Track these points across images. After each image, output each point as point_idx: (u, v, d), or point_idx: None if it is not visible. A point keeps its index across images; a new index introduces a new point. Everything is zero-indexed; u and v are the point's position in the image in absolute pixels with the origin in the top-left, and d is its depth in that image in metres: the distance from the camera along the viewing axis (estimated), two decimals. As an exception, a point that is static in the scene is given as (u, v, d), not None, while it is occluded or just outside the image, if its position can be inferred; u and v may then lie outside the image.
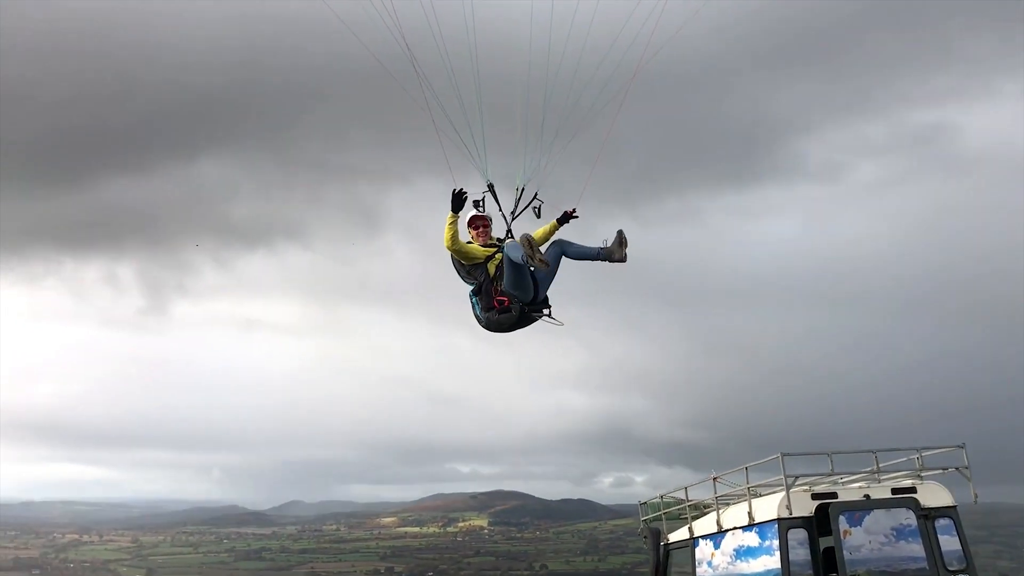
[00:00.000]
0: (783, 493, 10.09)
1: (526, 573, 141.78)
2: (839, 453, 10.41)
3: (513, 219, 9.79)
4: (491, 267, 9.45)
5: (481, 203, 9.66)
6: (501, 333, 9.58)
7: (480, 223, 9.67)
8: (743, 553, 10.63)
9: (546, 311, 9.49)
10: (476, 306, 9.54)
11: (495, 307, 9.35)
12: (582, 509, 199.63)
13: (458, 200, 9.19)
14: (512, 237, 9.69)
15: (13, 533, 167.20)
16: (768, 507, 10.26)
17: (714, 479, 11.51)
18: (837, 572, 9.69)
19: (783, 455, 10.05)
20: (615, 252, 9.67)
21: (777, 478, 10.24)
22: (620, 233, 9.63)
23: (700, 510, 12.29)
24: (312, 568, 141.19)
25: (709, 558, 11.41)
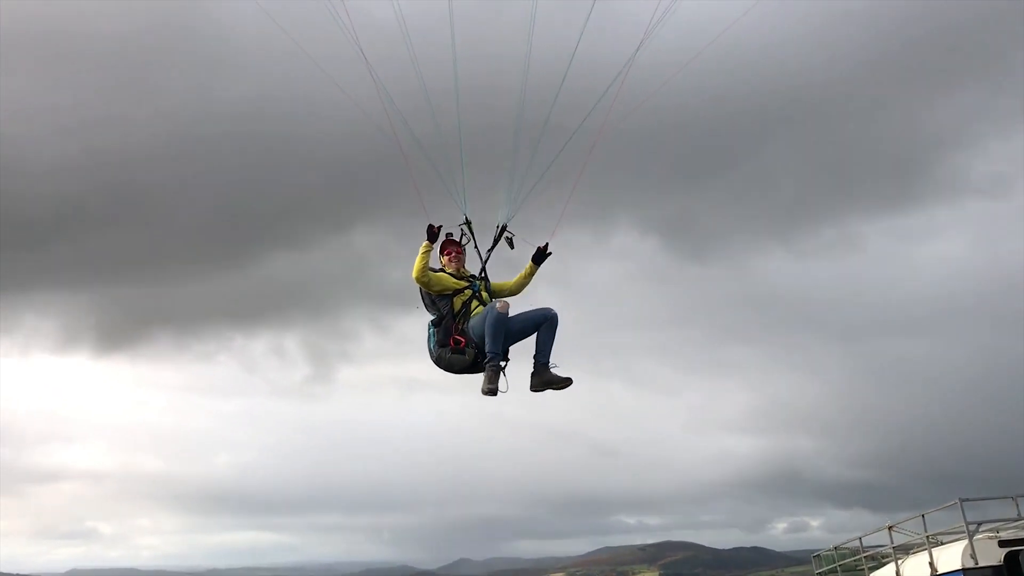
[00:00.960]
0: (966, 541, 9.52)
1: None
2: (1025, 496, 9.77)
3: (488, 255, 9.31)
4: (457, 302, 8.92)
5: (464, 227, 9.32)
6: (451, 373, 8.95)
7: (453, 248, 9.21)
8: (928, 606, 10.06)
9: (503, 363, 8.75)
10: (431, 339, 8.99)
11: (450, 345, 8.79)
12: (756, 557, 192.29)
13: (432, 234, 8.83)
14: (486, 275, 9.24)
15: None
16: (951, 557, 9.70)
17: (889, 528, 10.99)
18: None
19: (962, 500, 9.51)
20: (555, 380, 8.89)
21: (958, 525, 9.69)
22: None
23: (877, 560, 11.74)
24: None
25: (891, 611, 10.84)
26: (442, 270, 9.03)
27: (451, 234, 9.18)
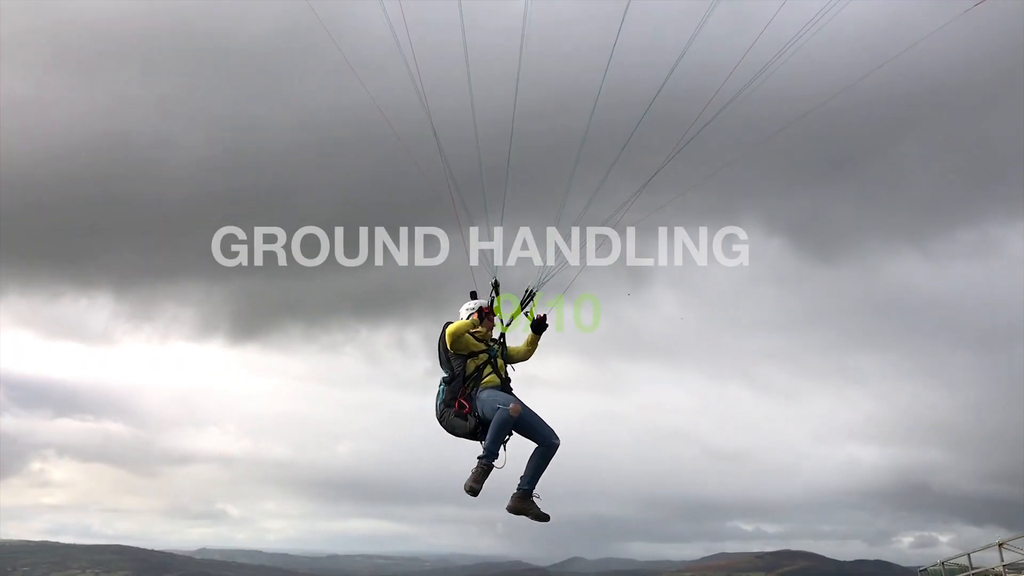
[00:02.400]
0: (1080, 562, 8.89)
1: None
2: None
3: (511, 321, 9.18)
4: (471, 364, 8.76)
5: (493, 290, 9.26)
6: (451, 435, 8.87)
7: (492, 316, 9.09)
8: (1038, 628, 9.44)
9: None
10: (440, 395, 8.88)
11: (455, 407, 8.68)
12: (879, 571, 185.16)
13: (474, 298, 9.07)
14: (504, 340, 9.12)
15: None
16: (1063, 578, 9.07)
17: (1000, 545, 10.35)
18: None
19: (1077, 519, 8.88)
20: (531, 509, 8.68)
21: (1072, 544, 9.05)
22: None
23: (987, 579, 11.07)
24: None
25: (1000, 632, 10.22)
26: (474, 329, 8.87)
27: (474, 293, 9.20)
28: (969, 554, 11.43)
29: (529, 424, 8.57)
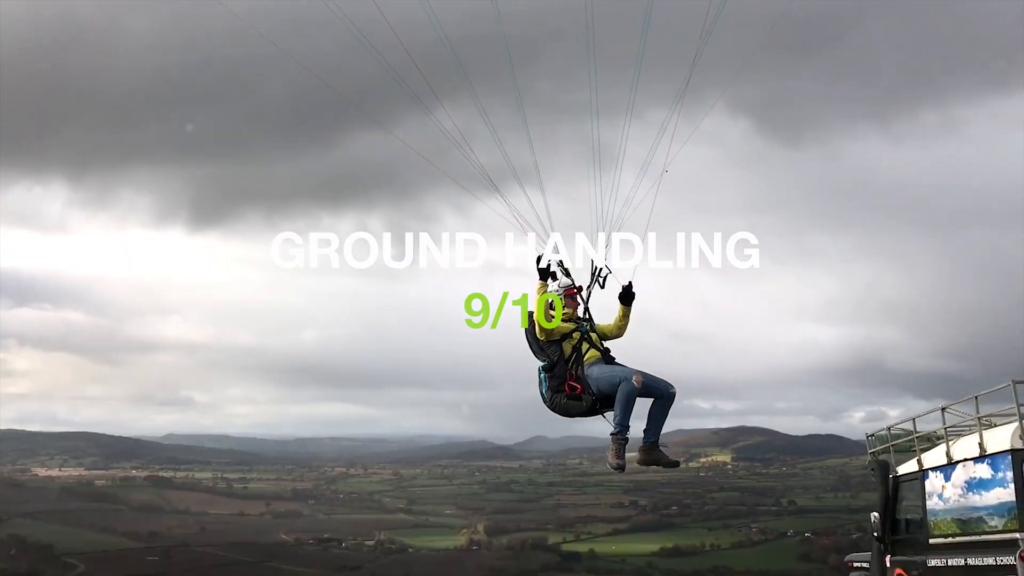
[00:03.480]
0: (1017, 423, 9.46)
1: (773, 509, 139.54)
2: (1080, 379, 9.61)
3: (589, 293, 9.12)
4: (567, 346, 8.77)
5: (558, 269, 9.12)
6: (566, 418, 8.95)
7: (575, 292, 9.02)
8: (975, 485, 10.09)
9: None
10: (544, 383, 8.89)
11: (566, 391, 8.73)
12: (831, 445, 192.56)
13: (545, 273, 8.84)
14: (590, 315, 9.06)
15: (290, 467, 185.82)
16: (1000, 438, 9.67)
17: (943, 410, 10.95)
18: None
19: (1015, 382, 9.41)
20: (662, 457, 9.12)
21: (1010, 407, 9.61)
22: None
23: (930, 442, 11.75)
24: (559, 500, 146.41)
25: (939, 491, 10.91)
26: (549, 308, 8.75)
27: (553, 274, 8.98)
28: (914, 419, 12.06)
29: (647, 385, 8.68)
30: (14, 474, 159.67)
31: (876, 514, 12.45)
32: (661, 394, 8.82)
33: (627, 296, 9.00)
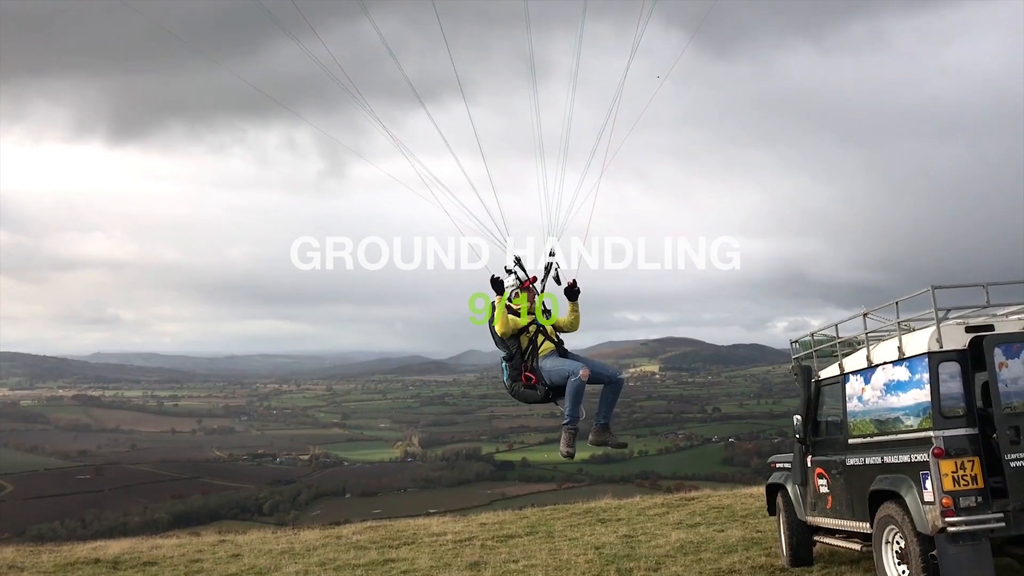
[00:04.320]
0: (934, 327, 9.78)
1: (699, 416, 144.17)
2: (996, 285, 9.93)
3: (543, 286, 9.77)
4: (524, 339, 9.53)
5: (515, 266, 9.72)
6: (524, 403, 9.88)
7: (530, 286, 9.68)
8: (893, 387, 10.47)
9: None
10: (505, 372, 9.70)
11: (523, 381, 9.55)
12: (755, 354, 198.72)
13: (499, 285, 9.46)
14: (545, 307, 9.71)
15: (222, 384, 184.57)
16: (918, 341, 9.99)
17: (864, 315, 11.26)
18: (991, 406, 9.43)
19: (934, 288, 9.68)
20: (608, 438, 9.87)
21: (928, 312, 9.92)
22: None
23: (851, 347, 12.11)
24: (492, 412, 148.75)
25: (859, 393, 11.30)
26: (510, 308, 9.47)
27: (508, 269, 9.62)
28: (836, 325, 12.40)
29: (596, 374, 9.46)
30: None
31: (798, 417, 12.86)
32: (610, 380, 9.62)
33: (572, 293, 9.64)
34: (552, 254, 9.74)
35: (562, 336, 9.77)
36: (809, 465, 12.69)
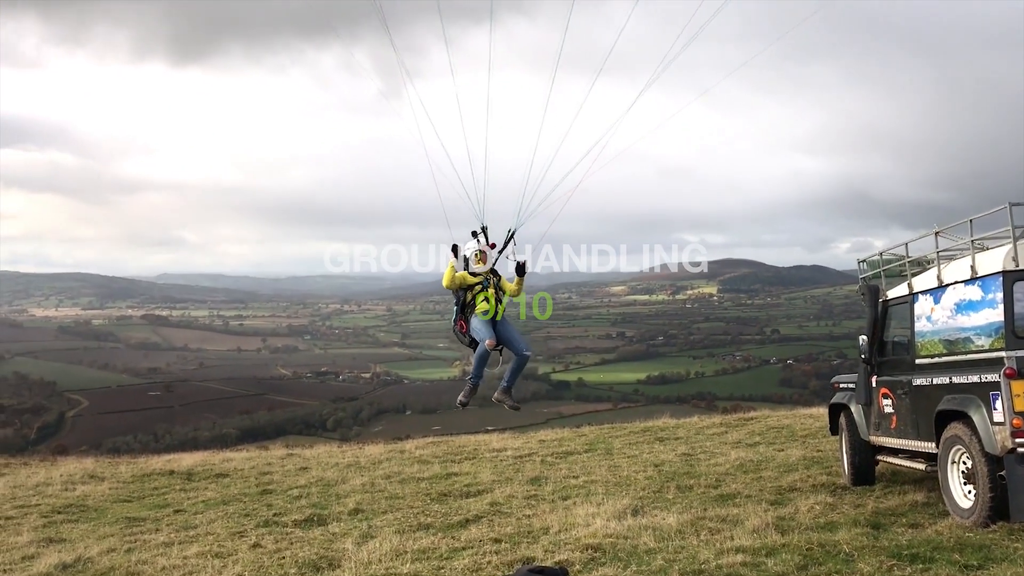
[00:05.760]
0: (1010, 245, 9.51)
1: (757, 337, 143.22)
2: (1075, 202, 9.57)
3: (497, 258, 11.18)
4: (468, 295, 11.12)
5: (479, 233, 11.16)
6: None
7: (486, 254, 11.14)
8: (964, 307, 10.25)
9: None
10: (455, 313, 11.28)
11: (458, 327, 11.25)
12: (816, 275, 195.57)
13: (456, 251, 11.00)
14: (496, 273, 11.21)
15: (285, 304, 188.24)
16: (992, 260, 9.72)
17: (936, 233, 10.98)
18: (1066, 326, 9.19)
19: (1011, 205, 9.38)
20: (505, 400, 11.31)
21: (1004, 230, 9.62)
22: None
23: (921, 266, 11.85)
24: (548, 333, 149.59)
25: (928, 313, 11.09)
26: (466, 268, 11.08)
27: (475, 232, 11.14)
28: (906, 244, 12.11)
29: (507, 339, 11.07)
30: (11, 315, 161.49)
31: (864, 337, 12.71)
32: (517, 353, 11.13)
33: (520, 270, 11.11)
34: (512, 232, 11.14)
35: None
36: (874, 385, 12.57)
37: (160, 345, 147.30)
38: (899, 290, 12.18)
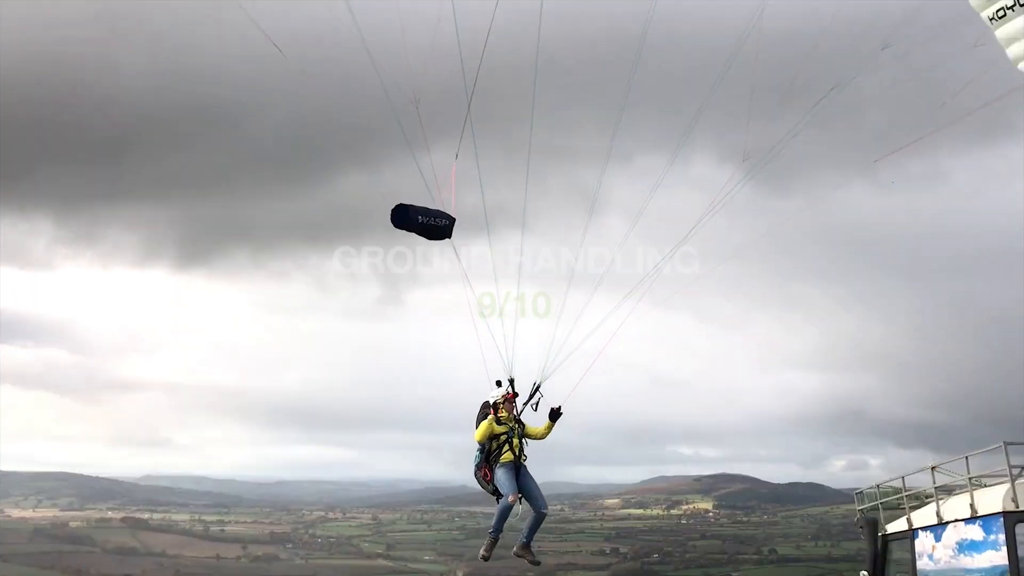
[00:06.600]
0: (1008, 484, 9.44)
1: (754, 557, 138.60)
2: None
3: (523, 408, 11.37)
4: (493, 445, 11.25)
5: (504, 383, 11.43)
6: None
7: (512, 399, 11.42)
8: (966, 547, 10.03)
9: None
10: (477, 460, 11.39)
11: (483, 474, 11.34)
12: (812, 493, 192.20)
13: (491, 409, 11.22)
14: (521, 422, 11.42)
15: (268, 510, 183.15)
16: (992, 499, 9.63)
17: (932, 469, 10.92)
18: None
19: (1007, 444, 9.40)
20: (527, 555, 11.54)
21: (1002, 468, 9.59)
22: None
23: (920, 500, 11.69)
24: (539, 547, 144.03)
25: (930, 551, 10.84)
26: (496, 415, 11.25)
27: (499, 382, 11.47)
28: (903, 478, 12.02)
29: (528, 493, 11.21)
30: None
31: (865, 573, 12.35)
32: (536, 510, 11.26)
33: (555, 416, 11.39)
34: (538, 385, 11.42)
35: (540, 441, 11.53)
36: (879, 626, 12.09)
37: (138, 550, 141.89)
38: (898, 524, 11.97)
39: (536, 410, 11.51)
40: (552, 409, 11.45)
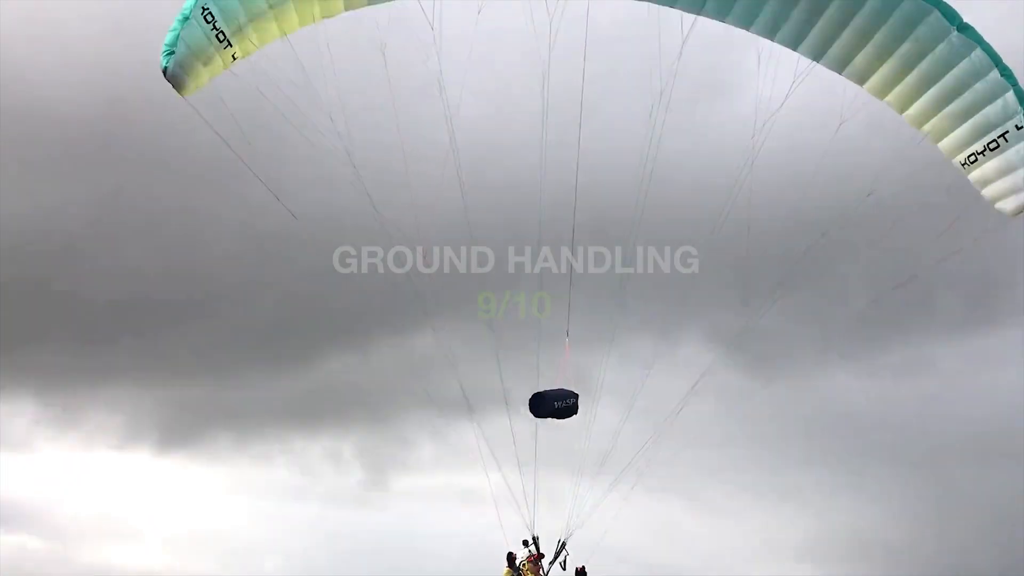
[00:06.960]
0: None
1: None
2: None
3: (550, 567, 12.11)
4: None
5: (530, 543, 12.07)
6: None
7: (537, 559, 12.09)
8: None
9: None
10: None
11: None
12: None
13: (512, 560, 12.09)
14: None
15: None
16: None
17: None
18: None
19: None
20: None
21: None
22: None
23: None
24: None
25: None
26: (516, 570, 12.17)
27: (525, 542, 12.12)
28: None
29: None
30: None
31: None
32: None
33: (580, 575, 12.07)
34: (563, 544, 11.87)
35: None
36: None
37: None
38: None
39: (564, 568, 12.06)
40: (577, 569, 11.95)
